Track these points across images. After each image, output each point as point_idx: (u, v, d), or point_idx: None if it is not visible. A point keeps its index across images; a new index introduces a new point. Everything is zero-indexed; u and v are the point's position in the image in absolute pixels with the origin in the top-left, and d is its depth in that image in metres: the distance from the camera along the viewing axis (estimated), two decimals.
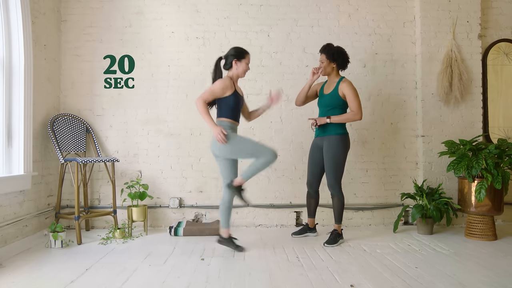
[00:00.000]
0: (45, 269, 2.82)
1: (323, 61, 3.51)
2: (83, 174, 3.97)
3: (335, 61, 3.49)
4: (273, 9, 4.27)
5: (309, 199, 3.75)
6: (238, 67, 3.21)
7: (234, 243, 3.27)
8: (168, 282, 2.57)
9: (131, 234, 3.78)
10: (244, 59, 3.22)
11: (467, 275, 2.67)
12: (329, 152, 3.43)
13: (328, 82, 3.62)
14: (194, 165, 4.21)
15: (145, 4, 4.23)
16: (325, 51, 3.50)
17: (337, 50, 3.51)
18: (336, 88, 3.48)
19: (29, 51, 3.42)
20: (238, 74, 3.24)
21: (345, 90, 3.44)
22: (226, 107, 3.17)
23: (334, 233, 3.51)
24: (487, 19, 4.36)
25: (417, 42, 4.30)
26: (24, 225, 3.43)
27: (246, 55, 3.24)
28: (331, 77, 3.57)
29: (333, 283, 2.55)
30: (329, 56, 3.48)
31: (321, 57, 3.54)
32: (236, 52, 3.22)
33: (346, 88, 3.43)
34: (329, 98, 3.50)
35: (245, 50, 3.26)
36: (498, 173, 3.45)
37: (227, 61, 3.24)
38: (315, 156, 3.61)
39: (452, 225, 4.14)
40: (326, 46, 3.54)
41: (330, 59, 3.49)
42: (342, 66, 3.55)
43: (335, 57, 3.48)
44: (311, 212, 3.76)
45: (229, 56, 3.23)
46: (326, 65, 3.50)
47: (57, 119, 3.91)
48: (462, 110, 4.23)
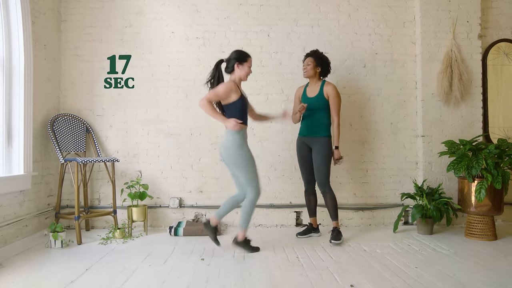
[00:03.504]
0: (45, 269, 2.82)
1: (309, 64, 3.66)
2: (83, 174, 3.97)
3: (320, 66, 3.67)
4: (273, 9, 4.27)
5: (308, 197, 3.78)
6: (240, 70, 3.23)
7: (250, 246, 3.25)
8: (168, 282, 2.57)
9: (131, 234, 3.78)
10: (246, 62, 3.24)
11: (467, 275, 2.67)
12: (321, 152, 3.58)
13: (310, 85, 3.75)
14: (194, 165, 4.21)
15: (145, 4, 4.23)
16: (314, 55, 3.69)
17: (325, 58, 3.70)
18: (321, 91, 3.64)
19: (29, 51, 3.42)
20: (241, 77, 3.25)
21: (329, 92, 3.61)
22: (235, 112, 3.18)
23: (336, 230, 3.56)
24: (487, 19, 4.36)
25: (417, 42, 4.30)
26: (24, 225, 3.43)
27: (248, 58, 3.26)
28: (313, 80, 3.72)
29: (333, 283, 2.55)
30: (317, 60, 3.66)
31: (308, 60, 3.68)
32: (238, 55, 3.23)
33: (331, 90, 3.62)
34: (315, 101, 3.64)
35: (247, 53, 3.28)
36: (498, 173, 3.45)
37: (228, 64, 3.25)
38: (304, 154, 3.72)
39: (452, 225, 4.13)
40: (315, 51, 3.72)
41: (317, 62, 3.66)
42: (324, 73, 3.73)
43: (322, 62, 3.67)
44: (312, 210, 3.80)
45: (231, 60, 3.24)
46: (311, 67, 3.65)
47: (57, 119, 3.91)
48: (462, 110, 4.23)
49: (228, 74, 3.28)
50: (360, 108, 4.29)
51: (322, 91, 3.63)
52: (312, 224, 3.81)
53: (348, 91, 4.28)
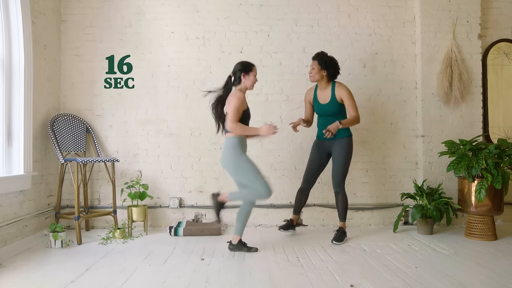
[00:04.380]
0: (45, 269, 2.82)
1: (314, 68, 3.60)
2: (83, 174, 3.97)
3: (326, 69, 3.57)
4: (273, 9, 4.27)
5: (300, 196, 3.77)
6: (247, 81, 3.27)
7: (246, 247, 3.26)
8: (168, 282, 2.57)
9: (131, 234, 3.78)
10: (251, 72, 3.28)
11: (467, 275, 2.67)
12: (342, 153, 3.55)
13: (319, 90, 3.66)
14: (194, 165, 4.21)
15: (145, 4, 4.23)
16: (318, 58, 3.61)
17: (330, 59, 3.59)
18: (333, 95, 3.58)
19: (29, 51, 3.42)
20: (247, 86, 3.29)
21: (342, 94, 3.55)
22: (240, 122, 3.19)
23: (340, 230, 3.56)
24: (487, 19, 4.36)
25: (417, 42, 4.30)
26: (24, 225, 3.43)
27: (253, 67, 3.31)
28: (321, 84, 3.64)
29: (333, 283, 2.55)
30: (321, 63, 3.58)
31: (312, 63, 3.62)
32: (243, 66, 3.28)
33: (343, 91, 3.55)
34: (329, 107, 3.59)
35: (251, 63, 3.33)
36: (498, 173, 3.45)
37: (235, 77, 3.28)
38: (318, 157, 3.68)
39: (452, 225, 4.13)
40: (320, 53, 3.64)
41: (321, 66, 3.57)
42: (333, 75, 3.61)
43: (327, 65, 3.57)
44: (299, 209, 3.81)
45: (237, 72, 3.28)
46: (316, 71, 3.58)
47: (57, 119, 3.91)
48: (462, 110, 4.22)
49: (235, 86, 3.31)
50: (360, 108, 4.26)
51: (334, 96, 3.56)
52: (293, 221, 3.81)
53: None
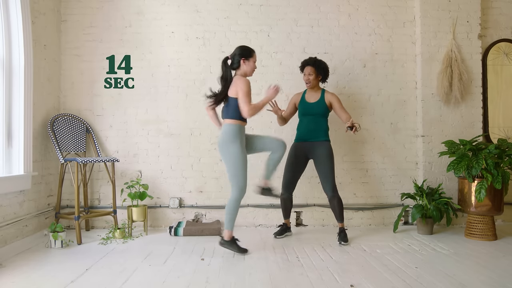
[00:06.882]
0: (45, 269, 2.82)
1: (311, 74, 3.64)
2: (83, 174, 3.97)
3: (322, 75, 3.68)
4: (273, 9, 4.27)
5: (285, 202, 3.76)
6: (246, 66, 3.20)
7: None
8: (168, 282, 2.57)
9: (131, 234, 3.78)
10: (251, 58, 3.22)
11: (467, 275, 2.67)
12: (327, 155, 3.57)
13: (309, 92, 3.74)
14: (194, 165, 4.21)
15: (145, 4, 4.23)
16: (315, 65, 3.65)
17: (325, 65, 3.68)
18: (323, 98, 3.65)
19: (29, 51, 3.42)
20: (247, 72, 3.23)
21: (332, 99, 3.63)
22: (236, 108, 3.13)
23: (343, 231, 3.58)
24: (487, 19, 4.36)
25: (417, 42, 4.30)
26: (24, 225, 3.43)
27: (253, 53, 3.25)
28: (313, 88, 3.71)
29: (333, 283, 2.55)
30: (319, 70, 3.65)
31: (309, 70, 3.65)
32: (243, 51, 3.21)
33: (333, 97, 3.64)
34: (316, 106, 3.64)
35: (251, 48, 3.26)
36: (498, 173, 3.45)
37: (234, 60, 3.21)
38: (299, 160, 3.69)
39: (452, 225, 4.13)
40: (315, 60, 3.67)
41: (318, 72, 3.65)
42: (324, 79, 3.74)
43: (324, 71, 3.67)
44: (287, 213, 3.82)
45: (236, 55, 3.20)
46: (314, 77, 3.65)
47: (57, 119, 3.91)
48: (462, 110, 4.22)
49: (234, 70, 3.25)
50: (360, 108, 4.29)
51: (323, 98, 3.64)
52: (286, 224, 3.84)
53: (348, 91, 4.28)
